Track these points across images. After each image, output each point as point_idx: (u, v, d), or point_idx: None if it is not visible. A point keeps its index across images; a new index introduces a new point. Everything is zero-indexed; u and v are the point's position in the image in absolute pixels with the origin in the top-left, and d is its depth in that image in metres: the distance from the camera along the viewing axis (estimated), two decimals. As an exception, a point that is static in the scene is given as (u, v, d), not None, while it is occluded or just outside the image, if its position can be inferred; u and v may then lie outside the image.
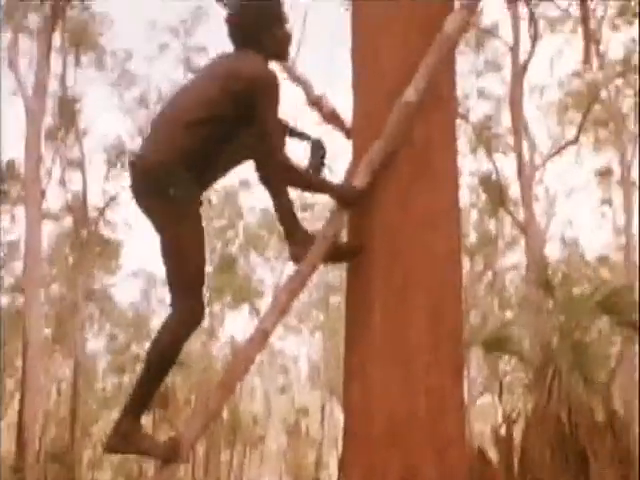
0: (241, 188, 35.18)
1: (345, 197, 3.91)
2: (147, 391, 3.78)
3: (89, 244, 29.51)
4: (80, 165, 29.01)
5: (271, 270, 37.63)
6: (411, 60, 3.92)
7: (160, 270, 3.89)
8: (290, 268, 3.97)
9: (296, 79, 19.22)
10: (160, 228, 3.86)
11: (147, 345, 3.89)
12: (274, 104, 3.85)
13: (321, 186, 3.97)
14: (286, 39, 4.13)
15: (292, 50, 4.16)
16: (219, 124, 3.87)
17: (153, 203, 3.83)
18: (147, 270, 40.21)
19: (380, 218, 3.85)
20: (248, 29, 4.04)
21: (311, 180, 3.98)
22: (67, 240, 32.21)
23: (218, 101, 3.84)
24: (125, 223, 32.83)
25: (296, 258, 3.94)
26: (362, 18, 4.14)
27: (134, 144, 31.54)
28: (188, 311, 3.79)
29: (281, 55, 4.13)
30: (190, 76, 3.90)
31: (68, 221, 31.37)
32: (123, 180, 31.00)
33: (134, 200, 3.92)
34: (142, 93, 31.42)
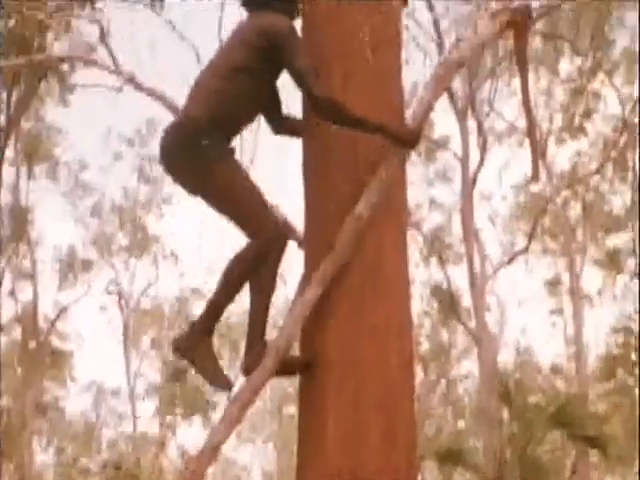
0: (193, 297, 34.99)
1: (403, 136, 3.96)
2: (219, 304, 3.94)
3: (39, 355, 29.07)
4: (31, 276, 28.77)
5: (224, 380, 37.19)
6: (362, 173, 3.98)
7: (110, 381, 3.88)
8: (243, 379, 3.94)
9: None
10: (199, 185, 3.98)
11: (97, 458, 3.85)
12: (298, 47, 4.00)
13: (373, 124, 3.92)
14: (295, 7, 4.30)
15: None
16: (246, 78, 4.02)
17: (186, 161, 3.96)
18: (98, 381, 39.61)
19: (332, 330, 3.85)
20: None
21: (362, 116, 3.92)
22: (16, 351, 31.70)
23: (245, 57, 4.01)
24: (77, 334, 32.47)
25: (247, 371, 3.92)
26: (314, 132, 4.19)
27: (87, 254, 31.42)
28: (269, 237, 3.92)
29: (291, 13, 4.26)
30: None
31: (18, 332, 30.94)
32: (75, 290, 30.80)
33: (167, 172, 4.09)
34: (96, 203, 31.42)
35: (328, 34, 4.18)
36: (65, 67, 20.80)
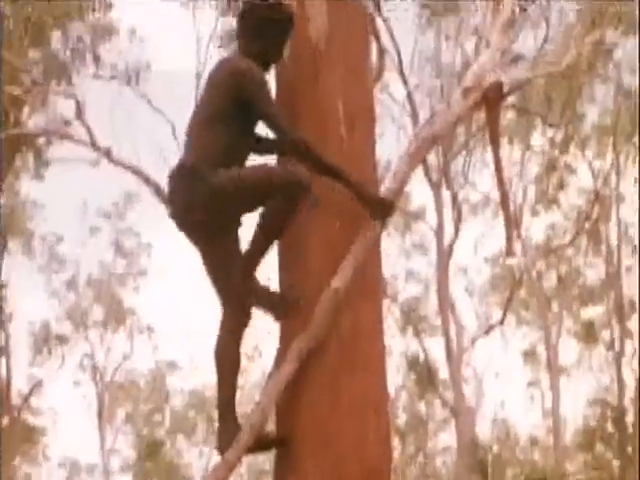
0: (168, 371, 34.68)
1: (377, 203, 3.99)
2: (258, 254, 4.02)
3: (12, 432, 28.63)
4: (4, 350, 28.45)
5: (199, 455, 36.75)
6: (338, 249, 3.98)
7: (85, 457, 3.82)
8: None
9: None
10: (209, 210, 3.91)
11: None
12: (265, 91, 3.95)
13: (348, 175, 3.94)
14: (275, 54, 4.22)
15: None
16: (226, 128, 3.96)
17: (190, 195, 3.89)
18: (72, 457, 38.96)
19: (308, 405, 3.82)
20: (241, 31, 4.21)
21: (333, 165, 3.93)
22: (-12, 427, 31.22)
23: (220, 105, 3.97)
24: (50, 409, 32.01)
25: (222, 449, 3.86)
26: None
27: (61, 328, 31.14)
28: (300, 178, 3.84)
29: (265, 63, 4.17)
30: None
31: (-10, 407, 30.51)
32: (49, 365, 30.46)
33: (178, 227, 4.02)
34: (71, 277, 31.24)
35: (302, 108, 4.21)
36: (41, 141, 20.83)
